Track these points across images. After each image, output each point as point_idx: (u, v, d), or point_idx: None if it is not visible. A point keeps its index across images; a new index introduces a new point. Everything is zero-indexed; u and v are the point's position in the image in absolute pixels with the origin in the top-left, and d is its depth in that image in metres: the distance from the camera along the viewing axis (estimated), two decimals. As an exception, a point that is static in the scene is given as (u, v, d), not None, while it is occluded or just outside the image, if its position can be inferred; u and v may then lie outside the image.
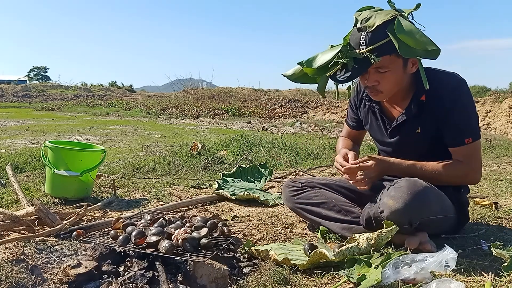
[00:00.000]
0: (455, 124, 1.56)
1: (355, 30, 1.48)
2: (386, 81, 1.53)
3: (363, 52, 1.44)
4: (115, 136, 6.78)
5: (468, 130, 1.56)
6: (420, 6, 1.46)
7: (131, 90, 24.90)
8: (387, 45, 1.42)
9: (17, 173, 3.06)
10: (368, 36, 1.43)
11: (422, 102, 1.59)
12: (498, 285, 1.29)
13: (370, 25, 1.43)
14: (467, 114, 1.57)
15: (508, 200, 2.51)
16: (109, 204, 2.29)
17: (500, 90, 13.10)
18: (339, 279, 1.35)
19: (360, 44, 1.45)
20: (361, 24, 1.45)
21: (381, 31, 1.42)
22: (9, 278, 1.22)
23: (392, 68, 1.49)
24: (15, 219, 1.73)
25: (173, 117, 12.10)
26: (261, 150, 4.30)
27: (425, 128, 1.61)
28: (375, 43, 1.43)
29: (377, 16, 1.44)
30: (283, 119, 11.19)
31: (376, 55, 1.43)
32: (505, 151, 4.98)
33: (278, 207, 2.35)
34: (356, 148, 1.93)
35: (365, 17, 1.46)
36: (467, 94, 1.57)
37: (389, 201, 1.47)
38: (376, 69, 1.49)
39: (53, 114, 12.77)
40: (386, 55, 1.45)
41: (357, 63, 1.46)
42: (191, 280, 1.30)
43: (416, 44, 1.39)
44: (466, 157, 1.57)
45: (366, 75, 1.53)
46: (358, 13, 1.52)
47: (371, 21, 1.44)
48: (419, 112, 1.60)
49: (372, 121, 1.79)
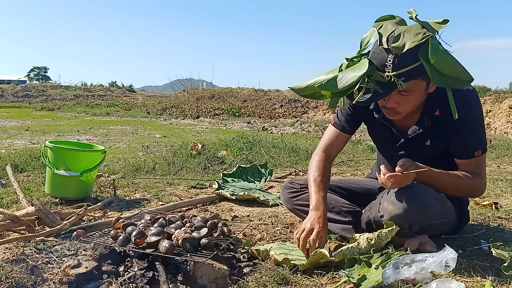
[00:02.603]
0: (466, 137, 1.51)
1: (380, 50, 1.34)
2: (407, 104, 1.43)
3: (389, 76, 1.32)
4: (115, 136, 6.78)
5: (478, 143, 1.52)
6: (448, 22, 1.34)
7: (131, 90, 24.89)
8: (416, 69, 1.31)
9: (17, 173, 3.06)
10: (397, 58, 1.30)
11: (437, 116, 1.52)
12: (498, 285, 1.30)
13: (399, 47, 1.29)
14: (478, 127, 1.52)
15: (508, 200, 2.51)
16: (109, 204, 2.29)
17: (500, 90, 13.09)
18: (339, 279, 1.35)
19: (386, 66, 1.32)
20: (388, 44, 1.32)
21: (412, 55, 1.29)
22: (9, 278, 1.22)
23: (415, 91, 1.39)
24: (15, 219, 1.73)
25: (173, 117, 12.10)
26: (261, 150, 4.30)
27: (435, 140, 1.57)
28: (403, 68, 1.30)
29: (406, 36, 1.30)
30: (283, 119, 11.19)
31: (403, 80, 1.31)
32: (505, 151, 4.99)
33: (278, 207, 2.35)
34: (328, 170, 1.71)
35: (391, 34, 1.33)
36: (478, 106, 1.52)
37: (389, 206, 1.46)
38: (399, 92, 1.38)
39: (53, 114, 12.77)
40: (413, 79, 1.34)
41: (381, 87, 1.35)
42: (191, 280, 1.30)
43: (451, 73, 1.30)
44: (476, 169, 1.53)
45: (387, 97, 1.41)
46: (378, 24, 1.39)
47: (401, 42, 1.30)
48: (433, 126, 1.54)
49: (377, 129, 1.70)
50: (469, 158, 1.53)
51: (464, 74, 1.32)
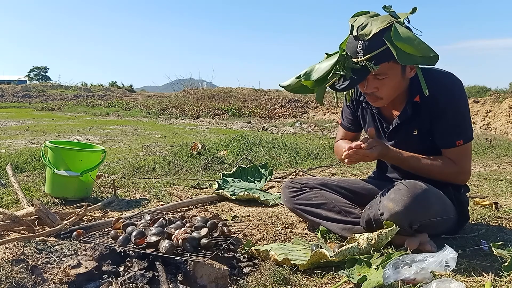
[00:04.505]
0: (448, 126, 1.56)
1: (351, 38, 1.46)
2: (385, 87, 1.51)
3: (361, 61, 1.42)
4: (115, 136, 6.78)
5: (460, 132, 1.57)
6: (416, 10, 1.45)
7: (131, 90, 24.89)
8: (384, 53, 1.40)
9: (17, 173, 3.06)
10: (365, 44, 1.41)
11: (416, 103, 1.58)
12: (498, 285, 1.29)
13: (366, 33, 1.41)
14: (460, 116, 1.56)
15: (508, 200, 2.51)
16: (109, 204, 2.29)
17: (500, 90, 13.07)
18: (339, 279, 1.35)
19: (357, 52, 1.43)
20: (357, 32, 1.43)
21: (378, 39, 1.39)
22: (9, 278, 1.22)
23: (390, 74, 1.48)
24: (15, 219, 1.73)
25: (173, 117, 12.10)
26: (261, 150, 4.30)
27: (422, 129, 1.61)
28: (372, 52, 1.41)
29: (373, 23, 1.42)
30: (283, 119, 11.19)
31: (374, 63, 1.41)
32: (505, 151, 4.99)
33: (278, 207, 2.35)
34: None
35: (360, 24, 1.43)
36: (461, 95, 1.56)
37: (389, 203, 1.47)
38: (375, 76, 1.48)
39: (53, 114, 12.78)
40: (384, 62, 1.43)
41: (355, 73, 1.45)
42: (191, 280, 1.30)
43: (414, 51, 1.37)
44: (457, 159, 1.58)
45: (365, 82, 1.51)
46: (353, 18, 1.50)
47: (367, 28, 1.41)
48: (414, 114, 1.59)
49: (370, 122, 1.78)
50: (450, 147, 1.58)
51: (429, 51, 1.38)
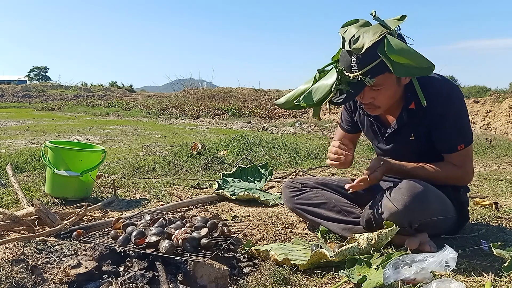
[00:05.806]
0: (448, 132, 1.56)
1: (344, 53, 1.44)
2: (382, 97, 1.51)
3: (357, 76, 1.41)
4: (115, 136, 6.78)
5: (460, 137, 1.57)
6: (405, 17, 1.43)
7: (131, 90, 24.87)
8: (379, 65, 1.39)
9: (17, 173, 3.06)
10: (359, 59, 1.39)
11: (412, 110, 1.58)
12: (498, 285, 1.30)
13: (359, 48, 1.38)
14: (459, 121, 1.57)
15: (508, 200, 2.51)
16: (109, 204, 2.30)
17: (500, 90, 13.05)
18: (339, 279, 1.35)
19: (351, 67, 1.41)
20: (350, 46, 1.41)
21: (372, 53, 1.37)
22: (9, 278, 1.22)
23: (386, 85, 1.47)
24: (15, 219, 1.73)
25: (173, 117, 12.10)
26: (261, 150, 4.30)
27: (419, 134, 1.62)
28: (367, 66, 1.39)
29: (365, 36, 1.39)
30: (283, 119, 11.19)
31: (369, 77, 1.40)
32: (505, 151, 4.98)
33: (278, 207, 2.35)
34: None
35: (352, 37, 1.41)
36: (460, 101, 1.56)
37: (389, 203, 1.48)
38: (371, 88, 1.46)
39: (53, 114, 12.77)
40: (380, 75, 1.42)
41: (352, 86, 1.44)
42: (191, 280, 1.30)
43: (410, 62, 1.36)
44: (459, 163, 1.59)
45: (361, 94, 1.50)
46: (343, 29, 1.48)
47: (360, 42, 1.39)
48: (410, 120, 1.59)
49: (367, 126, 1.78)
50: (452, 152, 1.59)
51: (425, 62, 1.37)
